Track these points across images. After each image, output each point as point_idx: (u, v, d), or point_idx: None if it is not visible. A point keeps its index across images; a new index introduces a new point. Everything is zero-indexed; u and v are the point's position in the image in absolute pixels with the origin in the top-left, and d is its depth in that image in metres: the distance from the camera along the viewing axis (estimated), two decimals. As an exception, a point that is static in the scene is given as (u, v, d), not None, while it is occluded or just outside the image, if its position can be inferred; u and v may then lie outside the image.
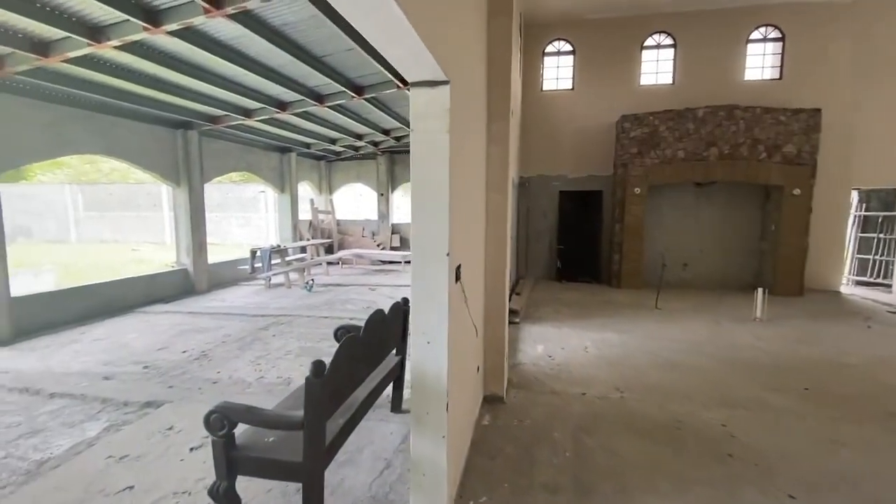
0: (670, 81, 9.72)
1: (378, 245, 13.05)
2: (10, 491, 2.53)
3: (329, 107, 7.55)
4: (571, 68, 10.19)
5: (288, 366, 4.55)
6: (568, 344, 5.38)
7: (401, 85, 6.77)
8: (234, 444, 2.10)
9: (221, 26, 4.72)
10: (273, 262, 9.01)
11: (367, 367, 2.61)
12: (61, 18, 4.14)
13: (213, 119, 7.96)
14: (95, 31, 4.39)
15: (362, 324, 2.65)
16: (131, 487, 2.55)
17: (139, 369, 4.51)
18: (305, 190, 13.14)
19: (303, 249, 11.40)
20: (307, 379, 1.94)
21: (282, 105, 7.52)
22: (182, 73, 5.56)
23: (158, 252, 19.50)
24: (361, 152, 12.62)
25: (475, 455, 2.89)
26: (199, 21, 4.32)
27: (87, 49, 4.50)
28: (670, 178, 8.89)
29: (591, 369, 4.54)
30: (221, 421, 2.04)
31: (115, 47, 4.54)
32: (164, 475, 2.68)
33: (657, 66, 9.83)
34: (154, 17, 4.23)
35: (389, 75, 6.37)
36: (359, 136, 10.68)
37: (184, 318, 6.65)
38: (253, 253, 9.13)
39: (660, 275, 8.11)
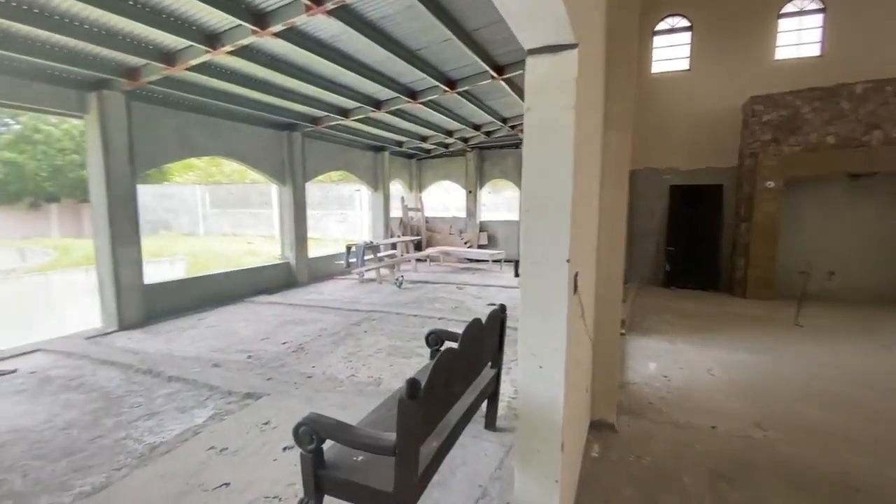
0: (817, 53, 8.10)
1: (465, 243, 12.88)
2: (123, 474, 2.67)
3: (422, 103, 7.46)
4: (688, 46, 9.00)
5: (378, 365, 4.47)
6: (686, 363, 4.62)
7: (496, 75, 6.43)
8: (322, 460, 1.93)
9: (322, 24, 4.77)
10: (366, 257, 9.23)
11: (463, 384, 2.32)
12: (184, 28, 4.45)
13: (315, 120, 8.32)
14: (212, 39, 4.67)
15: (453, 327, 2.37)
16: (227, 484, 2.55)
17: (244, 358, 4.74)
18: (397, 188, 13.41)
19: (393, 246, 11.61)
20: (400, 400, 1.69)
21: (377, 104, 7.60)
22: (287, 75, 5.79)
23: (268, 245, 21.47)
24: (451, 149, 12.51)
25: (585, 495, 2.45)
26: (301, 21, 4.38)
27: (205, 56, 4.82)
28: (815, 168, 7.40)
29: (719, 397, 3.80)
30: (310, 435, 1.87)
31: (228, 52, 4.81)
32: (258, 474, 2.65)
33: (798, 36, 8.27)
34: (261, 20, 4.37)
35: (485, 65, 6.06)
36: (449, 133, 10.55)
37: (285, 309, 7.01)
38: (348, 249, 9.45)
39: (802, 284, 6.77)
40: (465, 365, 2.30)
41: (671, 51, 9.19)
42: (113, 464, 2.79)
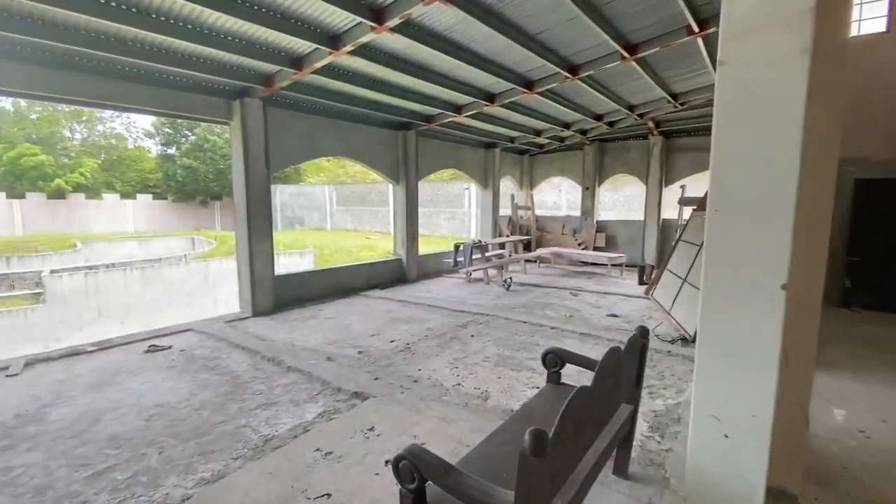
0: None
1: (579, 244, 11.94)
2: (238, 465, 2.73)
3: (538, 93, 6.94)
4: (886, 1, 7.01)
5: (485, 376, 4.14)
6: (891, 414, 3.45)
7: (627, 55, 5.65)
8: (423, 502, 1.64)
9: (438, 14, 4.58)
10: (474, 257, 9.00)
11: (596, 428, 1.85)
12: (309, 31, 4.61)
13: (428, 118, 8.31)
14: (334, 40, 4.77)
15: (568, 339, 1.90)
16: (328, 495, 2.43)
17: (354, 354, 4.80)
18: (506, 185, 13.00)
19: (502, 246, 11.23)
20: (523, 455, 1.31)
21: (491, 97, 7.28)
22: (403, 73, 5.76)
23: (383, 241, 22.74)
24: (567, 143, 11.68)
25: None
26: (417, 11, 4.23)
27: (328, 58, 4.96)
28: None
29: (959, 474, 2.69)
30: (412, 473, 1.60)
31: (349, 52, 4.87)
32: (358, 487, 2.50)
33: None
34: (378, 15, 4.31)
35: (615, 44, 5.34)
36: (566, 125, 9.80)
37: (394, 305, 7.09)
38: (456, 247, 9.33)
39: None
40: (599, 406, 1.83)
41: (859, 10, 7.25)
42: (231, 452, 2.89)
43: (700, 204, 7.39)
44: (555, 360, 2.72)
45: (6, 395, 3.73)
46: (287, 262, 15.93)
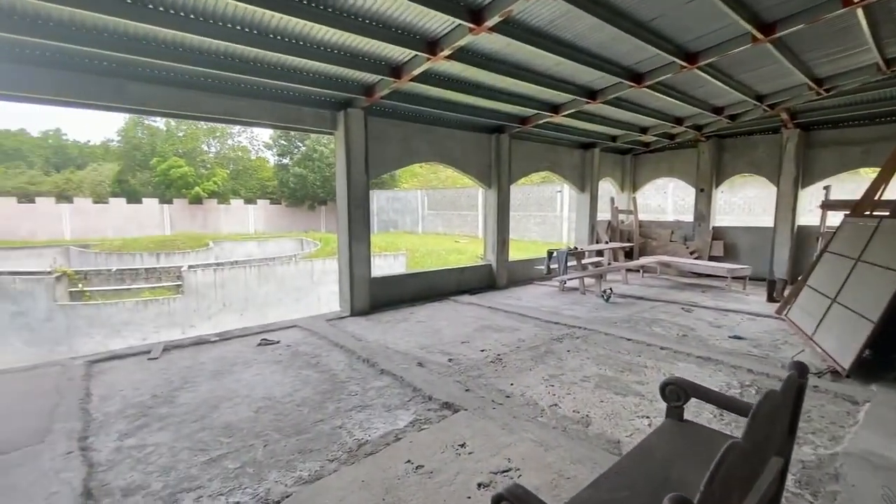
0: None
1: (692, 253, 10.72)
2: (333, 468, 2.77)
3: (648, 86, 6.32)
4: None
5: (586, 398, 3.79)
6: None
7: (760, 35, 4.87)
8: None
9: (539, 9, 4.34)
10: (569, 264, 8.51)
11: (743, 489, 1.49)
12: (408, 38, 4.66)
13: (523, 120, 8.05)
14: (432, 45, 4.77)
15: (682, 363, 1.55)
16: (419, 515, 2.33)
17: (445, 361, 4.73)
18: (605, 188, 12.17)
19: (600, 253, 10.51)
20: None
21: (592, 94, 6.81)
22: (500, 74, 5.59)
23: (472, 245, 22.83)
24: (677, 140, 10.58)
25: None
26: (518, 7, 4.04)
27: (426, 64, 4.98)
28: None
29: None
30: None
31: (446, 57, 4.84)
32: (449, 509, 2.37)
33: None
34: (477, 16, 4.21)
35: (746, 25, 4.63)
36: (678, 121, 8.87)
37: (484, 312, 6.94)
38: (549, 253, 8.91)
39: None
40: (749, 463, 1.46)
41: None
42: (327, 453, 2.94)
43: (855, 207, 6.13)
44: (677, 393, 2.33)
45: (147, 377, 4.28)
46: (381, 264, 16.71)
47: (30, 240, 24.07)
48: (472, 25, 4.23)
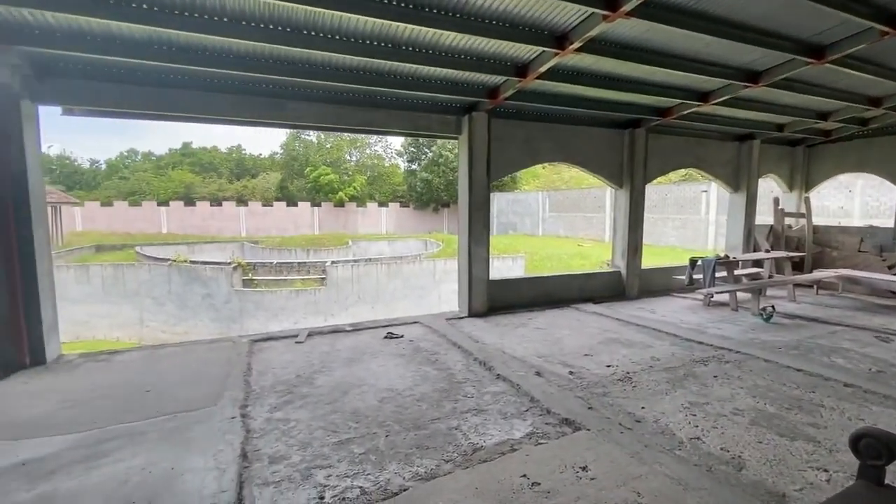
0: None
1: (890, 268, 8.45)
2: (447, 469, 2.76)
3: (831, 61, 5.15)
4: None
5: (736, 435, 3.20)
6: None
7: None
8: None
9: (688, -17, 3.82)
10: (717, 275, 7.38)
11: None
12: (534, 34, 4.51)
13: (663, 112, 7.24)
14: (560, 39, 4.55)
15: (877, 409, 1.09)
16: (534, 537, 2.19)
17: (565, 373, 4.45)
18: (764, 186, 10.30)
19: (757, 263, 8.93)
20: None
21: (753, 76, 5.80)
22: (637, 62, 5.09)
23: (596, 249, 21.45)
24: (871, 126, 8.45)
25: None
26: (662, -15, 3.60)
27: (553, 60, 4.77)
28: None
29: None
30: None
31: (575, 50, 4.56)
32: (568, 538, 2.18)
33: None
34: (612, 2, 3.87)
35: None
36: (874, 101, 7.07)
37: (611, 323, 6.40)
38: (693, 262, 7.82)
39: None
40: None
41: None
42: (443, 453, 2.96)
43: None
44: (877, 449, 1.77)
45: (293, 359, 4.88)
46: (500, 266, 16.72)
47: (217, 236, 29.93)
48: (606, 13, 3.91)
